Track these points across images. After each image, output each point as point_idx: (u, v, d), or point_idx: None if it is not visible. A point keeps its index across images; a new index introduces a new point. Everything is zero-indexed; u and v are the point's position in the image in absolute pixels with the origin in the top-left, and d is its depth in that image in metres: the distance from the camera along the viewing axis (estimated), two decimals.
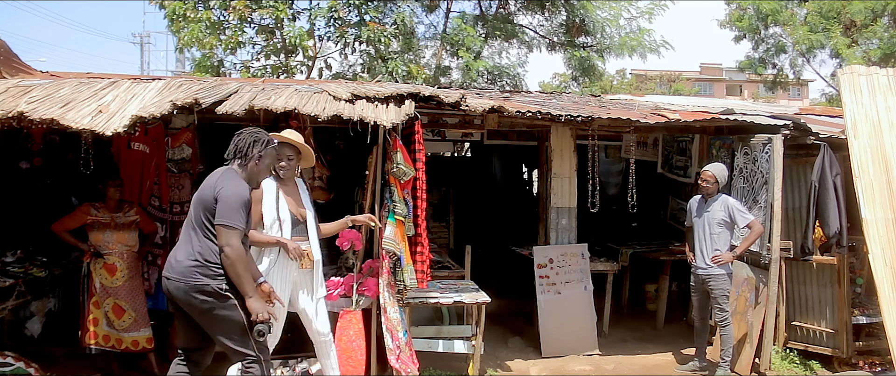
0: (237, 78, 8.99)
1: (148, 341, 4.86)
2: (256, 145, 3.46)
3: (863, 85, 5.30)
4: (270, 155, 3.56)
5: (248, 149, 3.45)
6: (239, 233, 3.27)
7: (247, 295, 3.29)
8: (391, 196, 4.47)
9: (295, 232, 4.01)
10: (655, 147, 7.55)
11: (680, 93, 25.93)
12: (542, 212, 6.30)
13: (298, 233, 4.03)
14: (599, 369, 5.58)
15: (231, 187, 3.31)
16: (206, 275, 3.29)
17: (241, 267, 3.26)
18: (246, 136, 3.49)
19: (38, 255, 5.43)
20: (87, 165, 5.21)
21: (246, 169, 3.46)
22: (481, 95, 6.83)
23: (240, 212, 3.27)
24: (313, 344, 4.19)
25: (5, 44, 5.52)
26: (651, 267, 7.06)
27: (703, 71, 41.35)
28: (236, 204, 3.26)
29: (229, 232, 3.24)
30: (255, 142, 3.47)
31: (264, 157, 3.50)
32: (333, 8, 10.34)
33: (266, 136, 3.55)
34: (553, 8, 12.61)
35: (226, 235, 3.24)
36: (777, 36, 16.33)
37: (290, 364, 4.53)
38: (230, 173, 3.42)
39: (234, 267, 3.24)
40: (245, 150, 3.45)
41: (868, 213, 4.89)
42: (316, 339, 4.15)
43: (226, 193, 3.28)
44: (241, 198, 3.29)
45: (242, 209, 3.28)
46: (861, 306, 5.66)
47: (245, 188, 3.37)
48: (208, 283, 3.28)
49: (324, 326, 4.14)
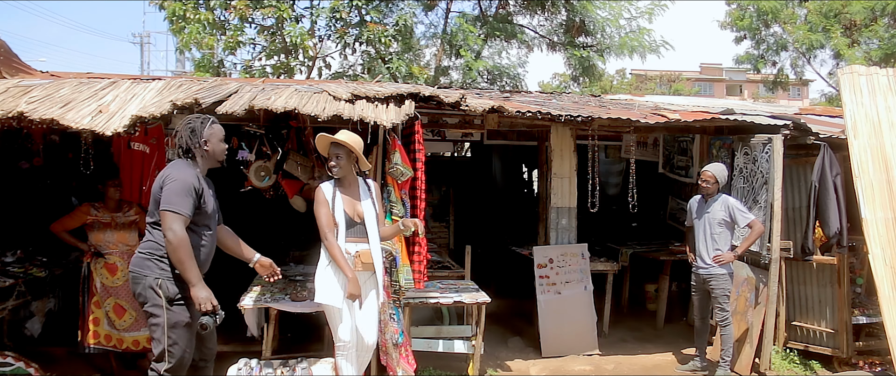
0: (237, 78, 8.99)
1: (148, 341, 4.84)
2: (194, 135, 3.45)
3: (863, 85, 5.29)
4: (214, 132, 3.52)
5: (189, 142, 3.45)
6: (182, 218, 3.25)
7: (190, 282, 3.27)
8: (389, 196, 4.46)
9: (351, 233, 3.96)
10: (655, 147, 7.55)
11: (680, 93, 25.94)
12: (542, 212, 6.30)
13: (355, 234, 3.97)
14: (599, 369, 5.58)
15: (175, 175, 3.31)
16: (148, 267, 3.32)
17: (183, 252, 3.22)
18: (182, 130, 3.48)
19: (38, 255, 5.43)
20: (87, 165, 5.21)
21: (197, 159, 3.47)
22: (481, 95, 6.83)
23: (183, 198, 3.25)
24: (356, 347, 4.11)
25: (5, 44, 5.53)
26: (651, 267, 7.06)
27: (703, 71, 41.35)
28: (179, 189, 3.26)
29: (172, 217, 3.22)
30: (192, 132, 3.46)
31: (209, 140, 3.48)
32: (336, 8, 10.35)
33: (198, 120, 3.51)
34: (553, 8, 12.61)
35: (168, 220, 3.22)
36: (777, 35, 16.33)
37: (290, 364, 4.52)
38: (177, 163, 3.42)
39: (177, 252, 3.23)
40: (186, 144, 3.45)
41: (868, 213, 4.89)
42: (358, 346, 4.07)
43: (170, 181, 3.29)
44: (184, 184, 3.28)
45: (186, 195, 3.26)
46: (861, 306, 5.67)
47: (191, 175, 3.35)
48: (147, 275, 3.31)
49: (369, 336, 4.04)
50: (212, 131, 3.51)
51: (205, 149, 3.48)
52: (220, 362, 4.85)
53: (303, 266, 5.93)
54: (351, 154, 3.97)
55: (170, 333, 3.31)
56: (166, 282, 3.31)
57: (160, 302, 3.29)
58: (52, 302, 5.56)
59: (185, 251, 3.23)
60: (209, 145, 3.49)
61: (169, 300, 3.31)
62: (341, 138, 3.95)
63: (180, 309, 3.34)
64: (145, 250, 3.37)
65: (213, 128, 3.53)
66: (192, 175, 3.35)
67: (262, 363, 4.48)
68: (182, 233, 3.22)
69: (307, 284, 5.05)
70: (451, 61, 12.49)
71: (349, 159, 3.99)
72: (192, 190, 3.30)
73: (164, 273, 3.32)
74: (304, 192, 5.58)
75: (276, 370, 4.45)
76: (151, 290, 3.31)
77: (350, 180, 4.03)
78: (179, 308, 3.34)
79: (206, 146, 3.48)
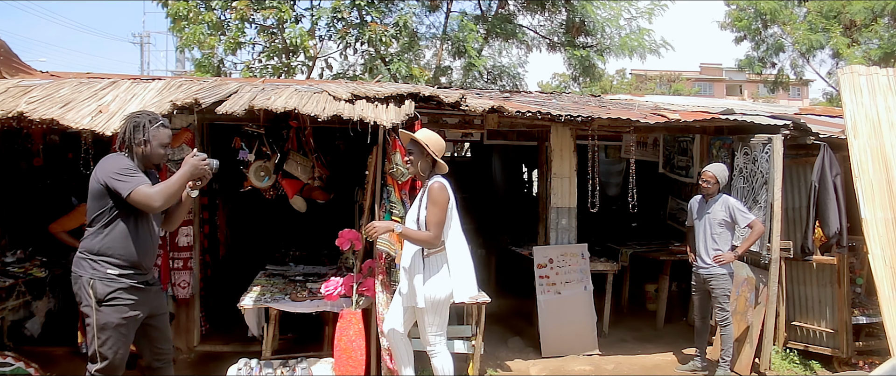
0: (237, 78, 8.99)
1: None
2: (138, 131, 3.32)
3: (863, 85, 5.29)
4: (159, 135, 3.35)
5: (130, 137, 3.33)
6: (142, 187, 3.13)
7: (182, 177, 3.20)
8: (389, 196, 4.47)
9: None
10: (655, 147, 7.55)
11: (680, 93, 25.94)
12: (542, 212, 6.30)
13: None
14: (599, 369, 5.58)
15: (105, 165, 3.22)
16: (82, 267, 3.25)
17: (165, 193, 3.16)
18: (127, 123, 3.36)
19: (38, 255, 5.44)
20: (87, 165, 5.21)
21: (134, 155, 3.34)
22: (481, 95, 6.83)
23: (127, 174, 3.15)
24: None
25: (5, 44, 5.53)
26: (651, 267, 7.06)
27: (703, 71, 41.35)
28: (118, 170, 3.16)
29: (134, 193, 3.12)
30: (136, 127, 3.32)
31: (151, 141, 3.32)
32: (337, 8, 10.35)
33: (147, 118, 3.36)
34: (553, 8, 12.61)
35: (140, 196, 3.13)
36: (777, 36, 16.33)
37: (290, 364, 4.53)
38: (107, 158, 3.31)
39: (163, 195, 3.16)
40: (127, 138, 3.32)
41: (868, 213, 4.89)
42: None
43: (104, 172, 3.19)
44: (118, 165, 3.19)
45: (127, 171, 3.16)
46: (861, 306, 5.67)
47: (118, 159, 3.25)
48: (81, 275, 3.23)
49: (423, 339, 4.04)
50: (157, 133, 3.35)
51: (142, 148, 3.32)
52: (220, 362, 4.87)
53: (303, 266, 5.94)
54: (424, 154, 3.91)
55: (99, 334, 3.22)
56: (98, 281, 3.20)
57: (91, 303, 3.20)
58: (51, 302, 5.56)
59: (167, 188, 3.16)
60: (149, 146, 3.33)
61: (98, 301, 3.20)
62: (417, 136, 3.94)
63: (110, 310, 3.22)
64: (82, 249, 3.28)
65: (160, 130, 3.37)
66: (118, 158, 3.25)
67: (263, 363, 4.49)
68: (150, 190, 3.13)
69: (307, 284, 5.06)
70: (452, 61, 12.50)
71: (423, 159, 3.92)
72: (127, 167, 3.19)
73: (96, 273, 3.21)
74: (304, 192, 5.59)
75: (276, 370, 4.45)
76: (83, 290, 3.22)
77: (419, 178, 4.05)
78: (109, 309, 3.22)
79: (146, 146, 3.32)
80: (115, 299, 3.23)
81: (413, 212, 3.98)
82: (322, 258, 6.26)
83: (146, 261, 3.37)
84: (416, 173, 3.98)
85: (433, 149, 3.87)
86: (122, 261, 3.25)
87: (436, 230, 3.76)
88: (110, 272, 3.23)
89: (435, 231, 3.77)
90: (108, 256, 3.23)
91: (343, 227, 4.76)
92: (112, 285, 3.22)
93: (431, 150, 3.87)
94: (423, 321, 3.93)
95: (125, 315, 3.25)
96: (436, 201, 3.77)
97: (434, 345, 3.97)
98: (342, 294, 4.68)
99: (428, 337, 3.95)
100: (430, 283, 3.83)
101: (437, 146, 3.91)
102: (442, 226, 3.79)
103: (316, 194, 5.68)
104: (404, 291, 3.94)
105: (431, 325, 3.92)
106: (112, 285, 3.22)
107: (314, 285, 4.96)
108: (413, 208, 4.01)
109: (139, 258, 3.30)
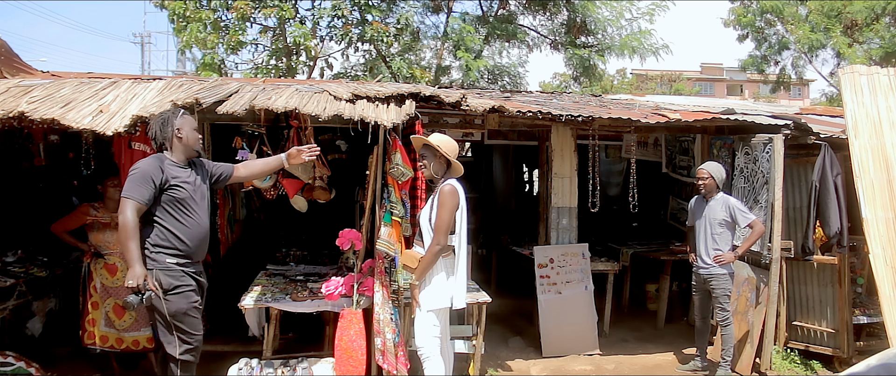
0: (238, 78, 8.99)
1: (148, 341, 4.85)
2: (165, 126, 3.59)
3: (864, 84, 5.29)
4: (186, 124, 3.63)
5: (161, 135, 3.58)
6: (134, 203, 3.36)
7: (128, 262, 3.36)
8: (389, 196, 4.46)
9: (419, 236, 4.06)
10: (656, 147, 7.55)
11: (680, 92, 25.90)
12: (543, 211, 6.30)
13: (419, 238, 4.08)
14: (600, 369, 5.58)
15: (138, 166, 3.47)
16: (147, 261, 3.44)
17: (123, 234, 3.35)
18: (153, 125, 3.62)
19: (38, 255, 5.43)
20: (88, 165, 5.21)
21: (175, 150, 3.60)
22: (482, 95, 6.83)
23: (136, 184, 3.39)
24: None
25: (6, 44, 5.53)
26: (652, 266, 7.06)
27: (704, 71, 41.35)
28: (135, 176, 3.41)
29: (124, 202, 3.37)
30: (164, 123, 3.59)
31: (181, 130, 3.60)
32: (337, 7, 10.35)
33: (169, 113, 3.66)
34: (554, 8, 12.61)
35: (122, 205, 3.37)
36: (779, 33, 16.32)
37: (290, 364, 4.53)
38: (149, 157, 3.57)
39: (121, 232, 3.36)
40: (160, 137, 3.59)
41: (869, 213, 4.88)
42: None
43: (132, 171, 3.45)
44: (142, 172, 3.42)
45: (141, 181, 3.40)
46: (862, 306, 5.66)
47: (151, 165, 3.47)
48: (151, 269, 3.42)
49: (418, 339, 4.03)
50: (184, 121, 3.63)
51: (178, 137, 3.58)
52: (221, 362, 4.86)
53: (303, 266, 5.93)
54: (437, 156, 3.97)
55: (174, 322, 3.45)
56: (164, 275, 3.44)
57: (151, 293, 3.38)
58: (52, 301, 5.56)
59: (125, 233, 3.34)
60: (183, 133, 3.60)
61: (165, 291, 3.43)
62: (430, 139, 3.99)
63: (177, 299, 3.47)
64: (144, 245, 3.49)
65: (185, 118, 3.66)
66: (153, 165, 3.47)
67: (263, 363, 4.49)
68: (130, 218, 3.34)
69: (308, 284, 5.05)
70: (452, 61, 12.50)
71: (437, 161, 3.99)
72: (150, 178, 3.40)
73: (156, 264, 3.44)
74: (305, 192, 5.58)
75: (277, 370, 4.45)
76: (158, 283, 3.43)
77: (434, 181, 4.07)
78: (175, 297, 3.46)
79: (180, 134, 3.59)
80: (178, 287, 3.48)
81: (425, 213, 4.03)
82: (323, 258, 6.26)
83: (199, 248, 3.63)
84: (430, 176, 4.03)
85: (446, 150, 3.92)
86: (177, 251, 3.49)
87: (438, 234, 3.84)
88: (170, 262, 3.47)
89: (437, 236, 3.84)
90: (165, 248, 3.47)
91: (344, 227, 4.76)
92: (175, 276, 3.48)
93: (444, 151, 3.91)
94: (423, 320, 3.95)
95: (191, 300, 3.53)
96: (442, 203, 3.84)
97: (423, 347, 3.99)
98: (343, 293, 4.68)
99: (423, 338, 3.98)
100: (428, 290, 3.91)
101: (449, 147, 3.97)
102: (445, 230, 3.85)
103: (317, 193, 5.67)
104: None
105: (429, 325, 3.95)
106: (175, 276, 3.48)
107: (315, 285, 4.96)
108: (425, 210, 4.06)
109: (191, 244, 3.54)
